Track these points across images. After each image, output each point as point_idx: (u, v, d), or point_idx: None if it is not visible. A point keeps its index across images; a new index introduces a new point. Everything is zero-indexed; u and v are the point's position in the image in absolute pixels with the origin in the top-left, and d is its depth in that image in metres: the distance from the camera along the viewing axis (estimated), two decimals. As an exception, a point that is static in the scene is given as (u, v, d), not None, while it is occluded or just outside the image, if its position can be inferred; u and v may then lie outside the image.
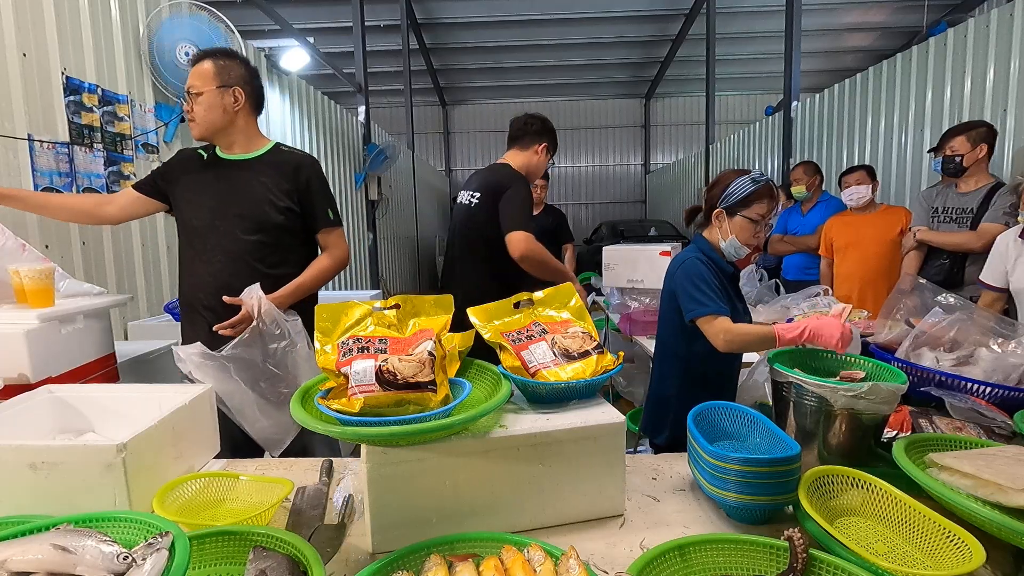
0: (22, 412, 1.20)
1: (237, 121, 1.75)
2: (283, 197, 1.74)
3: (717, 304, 1.53)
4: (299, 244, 1.81)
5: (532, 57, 10.87)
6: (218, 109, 1.70)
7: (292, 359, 1.62)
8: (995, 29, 3.35)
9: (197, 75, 1.70)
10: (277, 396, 1.60)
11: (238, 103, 1.73)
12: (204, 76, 1.69)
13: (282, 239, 1.75)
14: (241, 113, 1.75)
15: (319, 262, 1.81)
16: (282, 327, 1.60)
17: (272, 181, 1.74)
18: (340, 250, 1.84)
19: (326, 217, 1.81)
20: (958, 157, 2.68)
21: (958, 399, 1.32)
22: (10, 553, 0.68)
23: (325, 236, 1.83)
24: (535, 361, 1.13)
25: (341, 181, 6.19)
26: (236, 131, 1.76)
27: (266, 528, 0.89)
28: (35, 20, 2.36)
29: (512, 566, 0.80)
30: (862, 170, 3.33)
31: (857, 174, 3.31)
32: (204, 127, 1.72)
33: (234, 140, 1.77)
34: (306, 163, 1.80)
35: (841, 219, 3.48)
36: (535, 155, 2.42)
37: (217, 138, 1.76)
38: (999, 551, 0.88)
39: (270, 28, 6.64)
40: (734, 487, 1.00)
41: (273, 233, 1.73)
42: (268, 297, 1.61)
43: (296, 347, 1.62)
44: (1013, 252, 2.13)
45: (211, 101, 1.69)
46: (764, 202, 1.60)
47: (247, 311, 1.57)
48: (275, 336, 1.59)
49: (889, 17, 9.63)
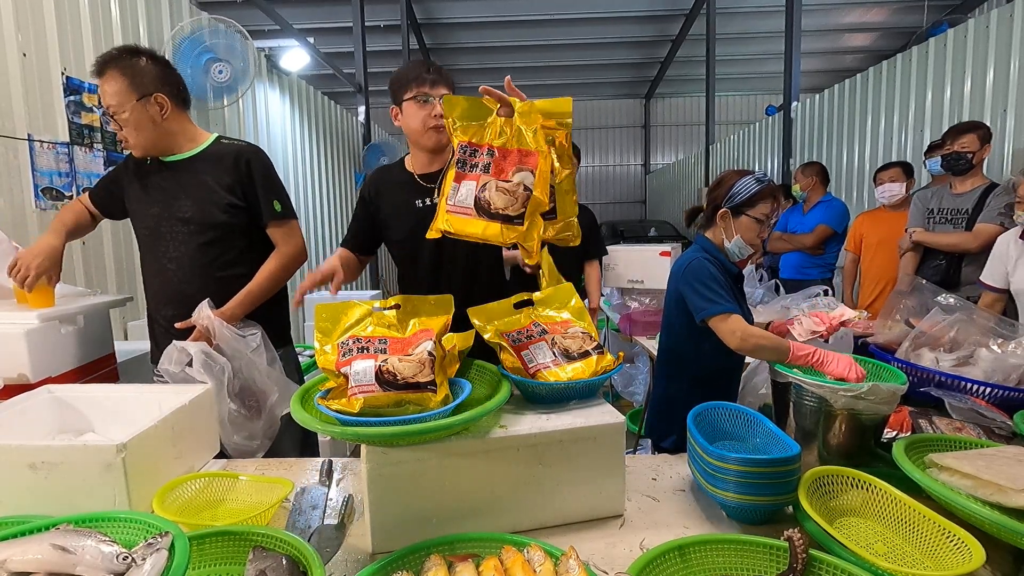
0: (22, 412, 1.20)
1: (170, 127, 1.60)
2: (225, 193, 1.61)
3: (729, 303, 1.51)
4: (250, 242, 1.67)
5: (532, 57, 10.87)
6: (147, 124, 1.55)
7: (254, 373, 1.51)
8: (995, 29, 3.36)
9: (111, 92, 1.52)
10: (247, 409, 1.50)
11: (164, 110, 1.57)
12: (119, 91, 1.52)
13: (230, 238, 1.63)
14: (171, 118, 1.60)
15: (267, 265, 1.65)
16: (236, 345, 1.49)
17: (213, 177, 1.61)
18: (291, 246, 1.68)
19: (272, 209, 1.65)
20: (969, 154, 2.67)
21: (958, 399, 1.31)
22: (10, 553, 0.68)
23: (274, 231, 1.67)
24: (535, 361, 1.12)
25: (341, 181, 6.19)
26: (172, 137, 1.62)
27: (266, 528, 0.89)
28: (35, 20, 2.36)
29: (512, 566, 0.80)
30: (897, 167, 3.30)
31: (892, 171, 3.29)
32: (142, 147, 1.60)
33: (172, 144, 1.63)
34: (246, 152, 1.65)
35: (873, 216, 3.46)
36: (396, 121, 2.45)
37: (158, 150, 1.63)
38: (999, 551, 0.88)
39: (270, 28, 6.65)
40: (734, 487, 1.00)
41: (219, 232, 1.61)
42: (217, 313, 1.50)
43: (255, 364, 1.51)
44: (1014, 253, 2.13)
45: (137, 119, 1.54)
46: (769, 202, 1.60)
47: (200, 332, 1.48)
48: (235, 353, 1.49)
49: (889, 17, 9.63)
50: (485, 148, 1.05)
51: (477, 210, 0.99)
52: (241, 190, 1.63)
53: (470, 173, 1.02)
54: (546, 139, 1.05)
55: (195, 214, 1.60)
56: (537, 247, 1.06)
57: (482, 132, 1.07)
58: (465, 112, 1.09)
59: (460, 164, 1.04)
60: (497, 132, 1.05)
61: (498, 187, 0.99)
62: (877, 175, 3.36)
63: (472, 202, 0.99)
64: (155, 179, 1.65)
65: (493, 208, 0.99)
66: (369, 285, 6.85)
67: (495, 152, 1.04)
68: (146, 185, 1.66)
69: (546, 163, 1.02)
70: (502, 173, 1.01)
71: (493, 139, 1.05)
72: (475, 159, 1.05)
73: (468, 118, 1.08)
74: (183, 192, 1.61)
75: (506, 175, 1.01)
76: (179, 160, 1.64)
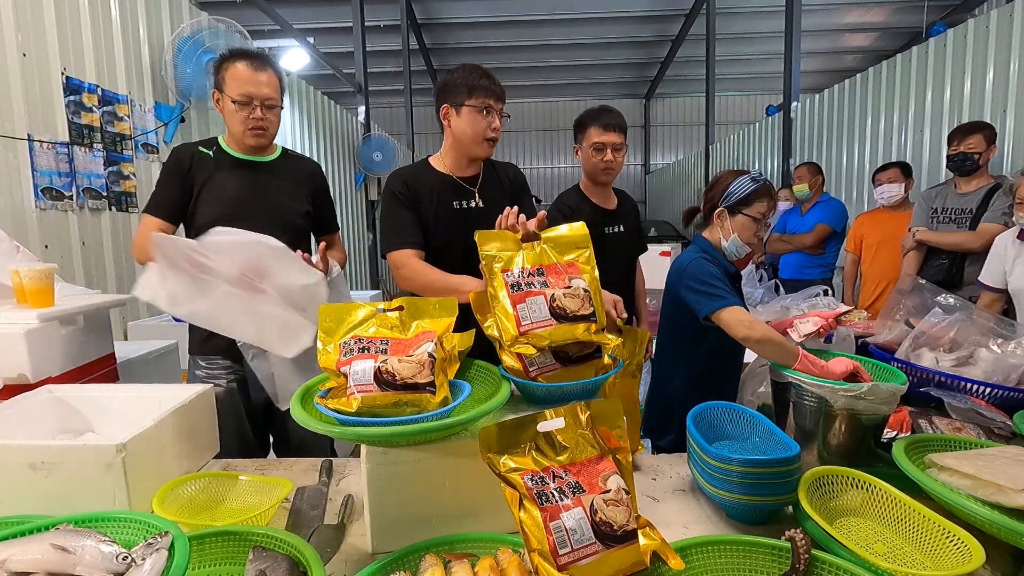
0: (22, 412, 1.20)
1: None
2: (303, 201, 1.77)
3: (732, 297, 1.50)
4: (308, 247, 1.78)
5: (532, 57, 10.87)
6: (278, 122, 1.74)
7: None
8: (995, 30, 3.35)
9: (270, 85, 1.66)
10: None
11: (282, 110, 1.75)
12: (275, 87, 1.68)
13: (300, 241, 1.75)
14: None
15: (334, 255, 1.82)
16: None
17: (291, 185, 1.76)
18: (343, 254, 1.89)
19: (334, 221, 1.89)
20: (976, 155, 2.67)
21: (958, 399, 1.31)
22: (10, 553, 0.68)
23: (331, 239, 1.85)
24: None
25: (341, 181, 6.19)
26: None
27: (266, 528, 0.89)
28: (35, 20, 2.36)
29: (508, 567, 0.80)
30: (895, 168, 3.29)
31: (890, 172, 3.28)
32: (270, 138, 1.73)
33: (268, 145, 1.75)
34: (317, 169, 1.86)
35: (873, 216, 3.45)
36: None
37: (264, 146, 1.74)
38: (999, 551, 0.88)
39: (270, 28, 6.66)
40: (734, 487, 1.00)
41: (294, 235, 1.72)
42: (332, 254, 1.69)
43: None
44: (1012, 253, 2.13)
45: (278, 114, 1.72)
46: (764, 201, 1.60)
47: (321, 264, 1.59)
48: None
49: (889, 17, 9.63)
50: (533, 269, 1.15)
51: (556, 318, 1.08)
52: (312, 200, 1.80)
53: (533, 290, 1.12)
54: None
55: (277, 214, 1.71)
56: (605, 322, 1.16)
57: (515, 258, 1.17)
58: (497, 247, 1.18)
59: (515, 287, 1.12)
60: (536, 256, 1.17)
61: (565, 294, 1.10)
62: (876, 176, 3.36)
63: (548, 312, 1.08)
64: (232, 175, 1.70)
65: (570, 312, 1.09)
66: (369, 285, 6.85)
67: (544, 271, 1.15)
68: (222, 179, 1.69)
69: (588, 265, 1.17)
70: (560, 284, 1.12)
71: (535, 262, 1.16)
72: (529, 279, 1.14)
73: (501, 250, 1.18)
74: (265, 192, 1.71)
75: (564, 283, 1.12)
76: (257, 161, 1.74)
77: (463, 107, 1.58)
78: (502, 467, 0.80)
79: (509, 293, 1.11)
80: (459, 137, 1.61)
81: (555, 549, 0.74)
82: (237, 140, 1.70)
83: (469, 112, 1.57)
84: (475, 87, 1.57)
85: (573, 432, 0.86)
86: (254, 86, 1.63)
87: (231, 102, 1.63)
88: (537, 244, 1.19)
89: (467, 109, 1.57)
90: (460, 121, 1.59)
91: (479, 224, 1.61)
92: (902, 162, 3.41)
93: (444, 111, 1.63)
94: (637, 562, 0.77)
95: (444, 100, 1.62)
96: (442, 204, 1.64)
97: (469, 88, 1.57)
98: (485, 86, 1.58)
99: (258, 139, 1.68)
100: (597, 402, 0.90)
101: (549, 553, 0.74)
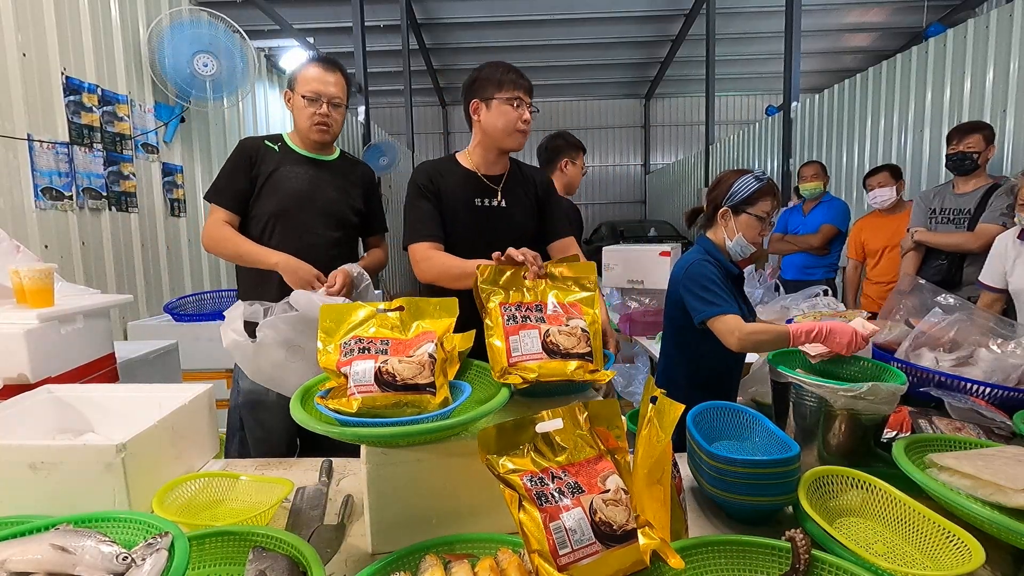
0: (22, 412, 1.20)
1: None
2: (358, 200, 1.85)
3: (728, 304, 1.51)
4: (356, 246, 1.93)
5: (532, 57, 10.88)
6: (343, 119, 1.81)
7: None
8: (994, 30, 3.36)
9: (339, 85, 1.75)
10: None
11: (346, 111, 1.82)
12: (342, 87, 1.76)
13: (351, 239, 1.87)
14: None
15: (375, 252, 1.94)
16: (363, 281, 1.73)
17: (348, 184, 1.84)
18: (386, 252, 1.97)
19: (383, 222, 1.98)
20: (975, 154, 2.67)
21: (958, 399, 1.31)
22: (10, 553, 0.68)
23: (377, 239, 1.97)
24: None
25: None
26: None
27: (266, 528, 0.89)
28: (35, 20, 2.36)
29: (508, 567, 0.80)
30: (885, 171, 3.28)
31: (880, 176, 3.27)
32: (335, 135, 1.80)
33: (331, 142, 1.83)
34: (370, 172, 1.96)
35: (871, 222, 3.43)
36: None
37: (328, 144, 1.82)
38: (999, 551, 0.88)
39: (270, 28, 6.65)
40: (734, 487, 1.00)
41: (348, 232, 1.83)
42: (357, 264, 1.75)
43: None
44: (1012, 253, 2.13)
45: (343, 113, 1.79)
46: (768, 199, 1.60)
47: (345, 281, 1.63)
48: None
49: (889, 17, 9.64)
50: (532, 305, 1.15)
51: (548, 353, 1.07)
52: (364, 201, 1.88)
53: (529, 324, 1.11)
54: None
55: (334, 210, 1.79)
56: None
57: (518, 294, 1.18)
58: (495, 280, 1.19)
59: (511, 320, 1.12)
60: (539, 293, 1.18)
61: (560, 331, 1.09)
62: (866, 180, 3.35)
63: (540, 346, 1.07)
64: (296, 169, 1.77)
65: (563, 348, 1.07)
66: (369, 285, 6.83)
67: (543, 308, 1.15)
68: (286, 173, 1.76)
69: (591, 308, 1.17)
70: (557, 322, 1.12)
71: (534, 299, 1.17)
72: (526, 314, 1.14)
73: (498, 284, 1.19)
74: (325, 189, 1.78)
75: (562, 322, 1.12)
76: (320, 159, 1.82)
77: (492, 100, 1.59)
78: (501, 468, 0.80)
79: (504, 325, 1.11)
80: (489, 131, 1.62)
81: (555, 549, 0.74)
82: (303, 135, 1.78)
83: (499, 105, 1.59)
84: (504, 81, 1.59)
85: (571, 433, 0.86)
86: (323, 85, 1.72)
87: (301, 98, 1.72)
88: (542, 282, 1.19)
89: (497, 102, 1.59)
90: (490, 115, 1.61)
91: (499, 223, 1.65)
92: (890, 164, 3.41)
93: (474, 106, 1.64)
94: (637, 561, 0.77)
95: (473, 96, 1.64)
96: (463, 200, 1.64)
97: (498, 82, 1.59)
98: (514, 80, 1.60)
99: (322, 135, 1.75)
100: (595, 402, 0.90)
101: (549, 554, 0.74)
